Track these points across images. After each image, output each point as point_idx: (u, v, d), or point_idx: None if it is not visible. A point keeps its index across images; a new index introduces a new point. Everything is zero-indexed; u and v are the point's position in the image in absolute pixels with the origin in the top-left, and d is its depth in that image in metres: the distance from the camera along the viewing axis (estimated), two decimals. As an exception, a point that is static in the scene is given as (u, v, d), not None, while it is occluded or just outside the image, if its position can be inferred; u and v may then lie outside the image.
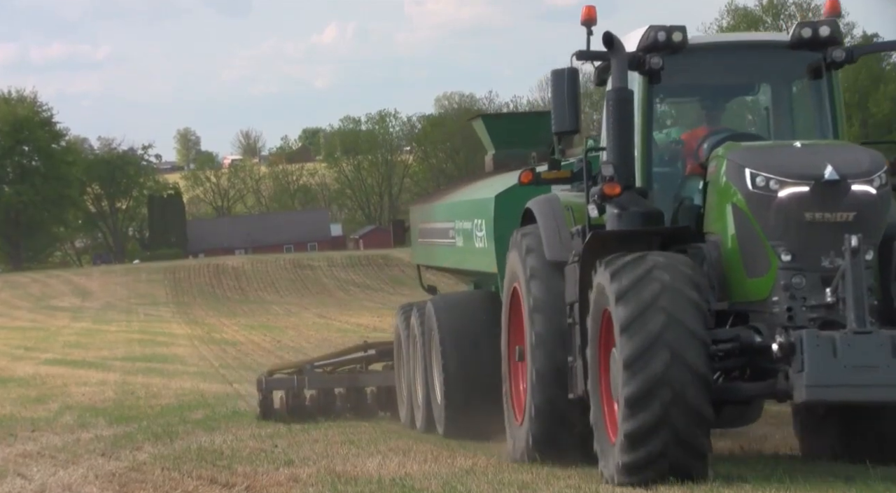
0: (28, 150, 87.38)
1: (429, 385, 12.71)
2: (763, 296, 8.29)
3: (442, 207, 14.06)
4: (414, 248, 15.31)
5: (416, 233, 15.15)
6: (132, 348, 29.18)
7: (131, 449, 11.74)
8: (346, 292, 55.39)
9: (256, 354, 25.37)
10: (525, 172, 10.10)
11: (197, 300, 53.32)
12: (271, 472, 9.73)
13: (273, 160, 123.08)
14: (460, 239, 12.86)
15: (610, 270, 8.19)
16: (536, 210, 9.89)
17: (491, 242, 11.72)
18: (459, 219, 12.88)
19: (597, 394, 8.55)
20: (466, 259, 12.80)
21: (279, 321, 37.54)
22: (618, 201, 8.76)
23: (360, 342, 15.93)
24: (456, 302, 12.70)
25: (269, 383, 14.71)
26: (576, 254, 9.12)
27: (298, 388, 14.67)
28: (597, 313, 8.48)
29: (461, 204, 13.13)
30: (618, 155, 8.83)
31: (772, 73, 9.42)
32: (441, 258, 14.01)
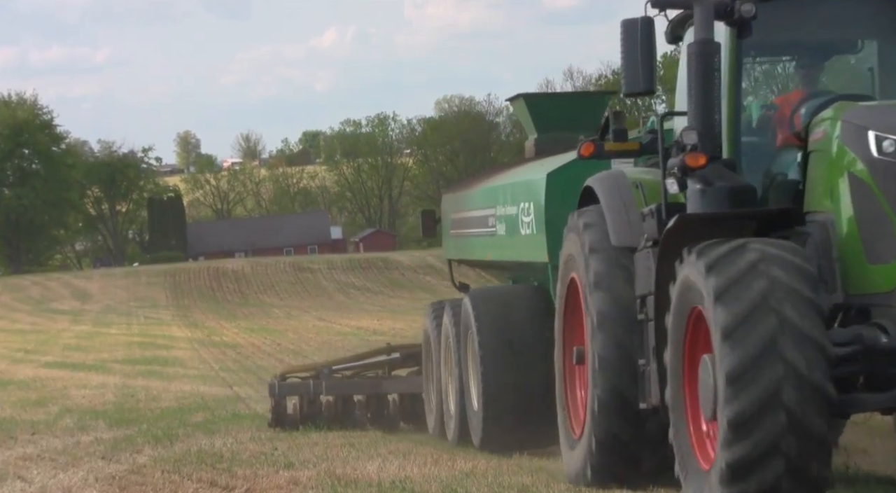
0: (28, 153, 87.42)
1: (464, 392, 11.46)
2: (890, 287, 6.85)
3: (480, 193, 12.53)
4: (445, 241, 13.85)
5: (447, 224, 13.68)
6: (132, 351, 29.18)
7: (131, 452, 11.74)
8: (346, 295, 55.40)
9: (256, 357, 25.38)
10: (585, 144, 8.77)
11: (197, 303, 53.32)
12: (271, 475, 9.74)
13: (273, 163, 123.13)
14: (502, 227, 11.46)
15: (704, 261, 6.73)
16: (599, 188, 8.51)
17: (541, 228, 10.42)
18: (502, 204, 11.47)
19: (679, 407, 7.14)
20: (510, 249, 11.38)
21: (279, 324, 37.55)
22: (702, 175, 7.38)
23: (383, 345, 14.76)
24: (497, 297, 11.27)
25: (282, 387, 13.58)
26: (648, 239, 7.91)
27: (314, 394, 13.48)
28: (681, 310, 7.04)
29: (504, 187, 11.61)
30: (701, 119, 7.46)
31: (880, 28, 7.89)
32: (478, 250, 12.54)
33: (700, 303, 6.81)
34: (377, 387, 13.63)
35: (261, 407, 15.58)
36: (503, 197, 11.52)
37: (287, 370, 14.46)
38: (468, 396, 11.35)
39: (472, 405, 11.28)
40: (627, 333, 8.04)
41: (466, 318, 11.22)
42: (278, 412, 13.51)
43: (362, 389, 13.64)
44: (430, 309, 12.70)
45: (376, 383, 13.68)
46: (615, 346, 8.11)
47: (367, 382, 13.71)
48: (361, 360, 14.08)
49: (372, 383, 13.67)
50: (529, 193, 10.75)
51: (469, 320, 11.13)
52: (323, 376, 13.62)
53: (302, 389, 13.59)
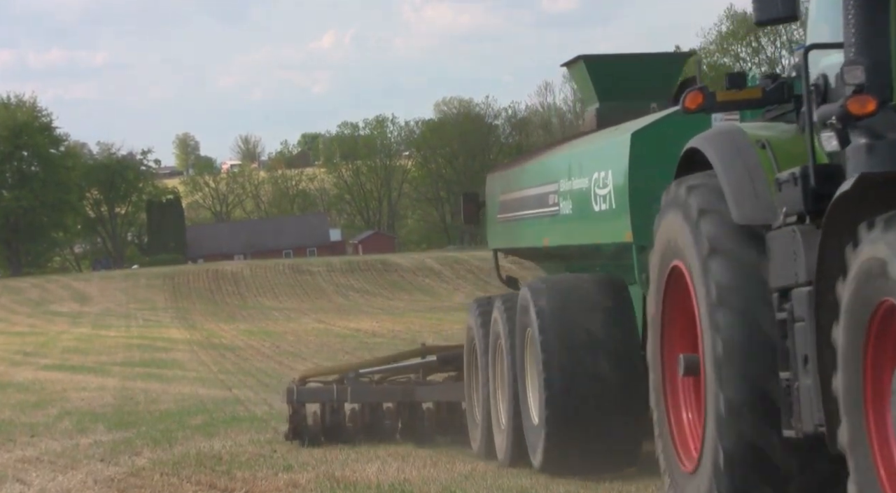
0: (27, 155, 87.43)
1: (519, 402, 9.65)
2: None
3: (539, 168, 10.55)
4: (490, 229, 11.99)
5: (493, 209, 11.79)
6: (131, 353, 29.16)
7: (130, 454, 11.74)
8: (345, 297, 55.39)
9: (255, 359, 25.36)
10: (691, 94, 6.83)
11: (196, 305, 53.30)
12: (270, 477, 9.74)
13: (272, 165, 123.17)
14: (567, 205, 9.58)
15: None
16: (712, 150, 6.60)
17: (622, 202, 8.52)
18: (568, 177, 9.53)
19: (862, 445, 5.28)
20: (578, 231, 9.44)
21: (278, 326, 37.54)
22: (870, 125, 5.64)
23: (417, 346, 13.18)
24: (564, 289, 9.22)
25: (301, 393, 11.93)
26: (789, 213, 6.10)
27: (338, 401, 11.86)
28: (861, 306, 5.29)
29: (573, 156, 9.68)
30: (869, 52, 5.75)
31: None
32: (533, 236, 10.58)
33: (892, 294, 5.11)
34: (410, 394, 11.91)
35: (260, 410, 15.57)
36: (571, 168, 9.50)
37: (307, 374, 12.79)
38: (525, 407, 9.52)
39: (530, 419, 9.40)
40: (770, 326, 6.18)
41: (524, 314, 9.36)
42: (297, 422, 11.88)
43: (393, 396, 11.97)
44: (474, 305, 11.01)
45: (409, 389, 11.95)
46: (750, 332, 6.20)
47: (398, 388, 11.99)
48: (392, 363, 12.42)
49: (404, 390, 11.94)
50: (608, 159, 8.79)
51: (528, 317, 9.23)
52: (348, 380, 11.97)
53: (324, 395, 11.90)
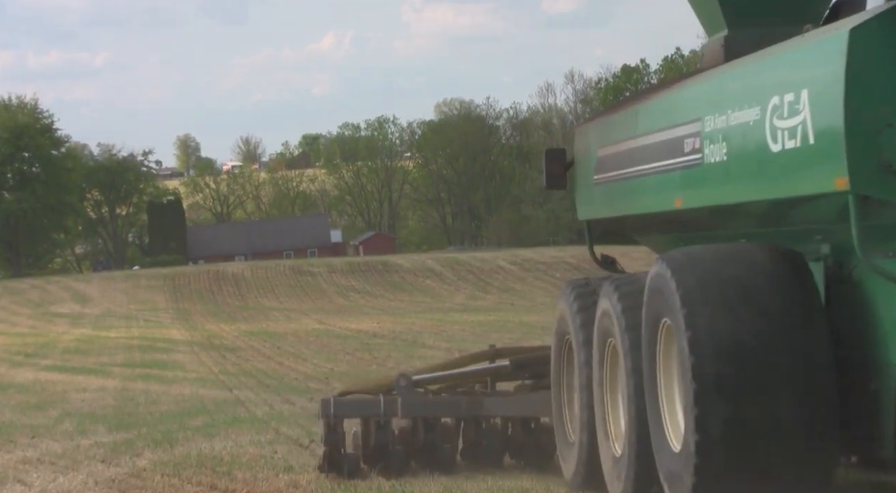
0: (28, 156, 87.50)
1: (647, 420, 6.93)
2: None
3: (664, 106, 7.73)
4: (582, 194, 9.24)
5: (587, 168, 9.04)
6: (132, 354, 29.16)
7: (131, 455, 11.73)
8: (345, 298, 55.37)
9: (256, 360, 25.36)
10: None
11: (197, 306, 53.29)
12: (271, 478, 9.73)
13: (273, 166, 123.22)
14: (719, 149, 6.69)
15: None
16: None
17: (832, 131, 5.67)
18: (719, 111, 6.71)
19: None
20: (741, 183, 6.54)
21: (279, 327, 37.54)
22: None
23: (486, 349, 10.58)
24: (724, 261, 6.35)
25: (339, 406, 9.64)
26: None
27: (386, 415, 9.59)
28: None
29: (725, 82, 6.88)
30: None
31: None
32: (657, 196, 7.64)
33: None
34: (477, 407, 9.69)
35: (260, 410, 15.56)
36: (725, 98, 6.73)
37: (350, 386, 10.61)
38: (658, 428, 6.80)
39: (666, 444, 6.68)
40: None
41: (658, 300, 6.59)
42: (333, 444, 9.51)
43: (455, 409, 9.70)
44: (568, 290, 8.62)
45: (476, 401, 9.71)
46: None
47: (462, 399, 9.74)
48: (454, 369, 10.20)
49: (470, 402, 9.71)
50: (800, 74, 6.01)
51: (666, 303, 6.43)
52: (399, 390, 9.70)
53: (369, 408, 9.67)
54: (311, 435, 12.54)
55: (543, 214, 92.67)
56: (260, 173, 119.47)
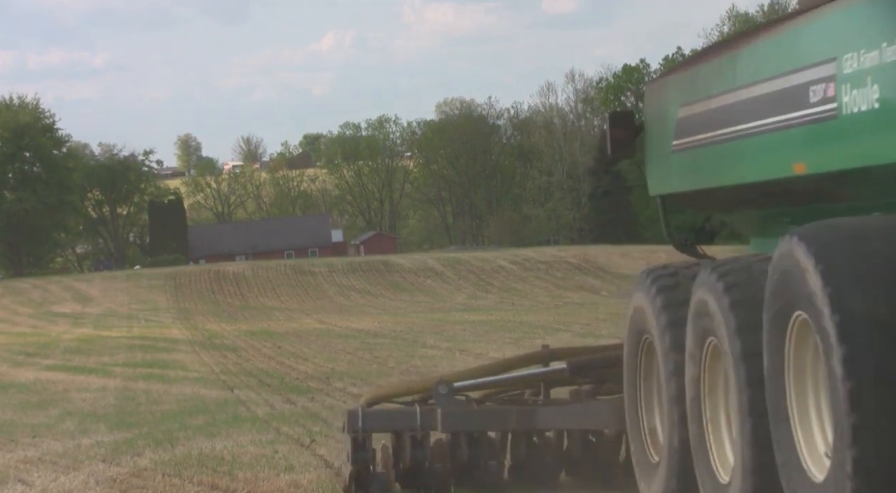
0: (29, 156, 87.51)
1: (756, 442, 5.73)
2: None
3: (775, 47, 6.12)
4: (656, 165, 7.77)
5: (662, 133, 7.51)
6: (133, 353, 29.15)
7: (132, 455, 11.72)
8: (346, 298, 55.34)
9: (257, 359, 25.34)
10: None
11: (198, 306, 53.27)
12: (272, 478, 9.72)
13: (273, 166, 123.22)
14: (862, 97, 5.27)
15: None
16: None
17: None
18: (870, 45, 5.22)
19: None
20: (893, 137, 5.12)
21: (280, 327, 37.52)
22: None
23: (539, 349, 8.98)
24: (877, 238, 5.06)
25: (369, 419, 8.35)
26: None
27: (423, 428, 8.29)
28: None
29: (866, 8, 5.29)
30: None
31: None
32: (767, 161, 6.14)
33: None
34: (530, 419, 8.30)
35: (261, 410, 15.55)
36: (877, 28, 5.20)
37: (376, 393, 9.03)
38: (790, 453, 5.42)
39: (803, 474, 5.31)
40: None
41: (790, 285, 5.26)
42: (361, 462, 8.25)
43: (505, 421, 8.33)
44: (648, 280, 7.15)
45: (529, 412, 8.32)
46: None
47: (512, 410, 8.39)
48: (501, 373, 8.69)
49: (522, 413, 8.31)
50: None
51: (806, 291, 5.10)
52: (439, 398, 8.33)
53: (404, 420, 8.34)
54: (312, 435, 12.52)
55: (544, 214, 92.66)
56: (261, 173, 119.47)
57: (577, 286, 53.27)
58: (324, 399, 16.31)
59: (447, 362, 20.76)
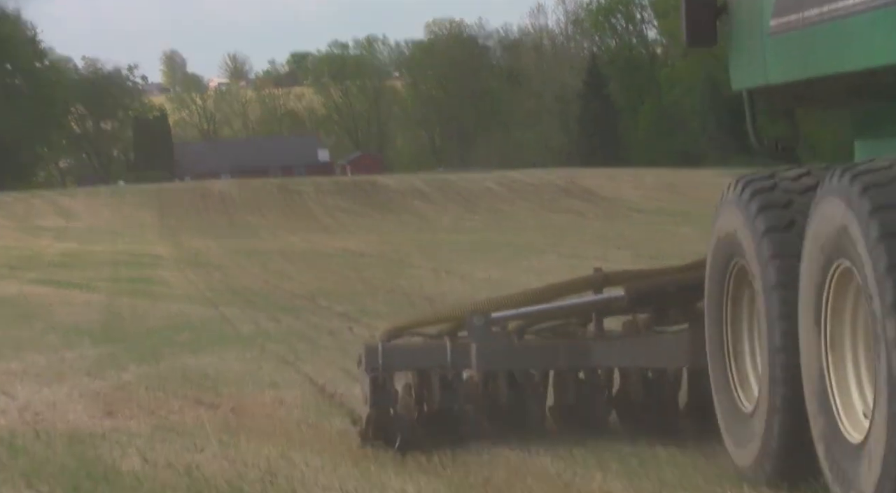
0: (11, 69, 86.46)
1: None
2: None
3: None
4: (740, 51, 6.58)
5: (754, 12, 6.29)
6: (118, 269, 29.07)
7: (116, 369, 11.68)
8: (332, 218, 55.28)
9: (243, 278, 25.30)
10: None
11: (183, 224, 53.14)
12: (256, 394, 9.70)
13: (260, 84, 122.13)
14: None
15: None
16: None
17: None
18: None
19: None
20: None
21: (265, 245, 37.47)
22: None
23: (589, 273, 7.57)
24: None
25: (392, 355, 7.25)
26: None
27: (454, 366, 7.15)
28: None
29: None
30: None
31: None
32: None
33: None
34: (582, 356, 7.21)
35: (247, 328, 15.52)
36: None
37: (399, 327, 7.70)
38: None
39: None
40: None
41: None
42: (381, 406, 7.16)
43: (552, 358, 7.24)
44: (745, 194, 5.91)
45: (580, 347, 7.23)
46: None
47: (561, 344, 7.28)
48: (546, 301, 7.44)
49: (572, 349, 7.23)
50: None
51: None
52: (473, 331, 7.15)
53: (432, 356, 7.21)
54: (297, 352, 12.50)
55: (533, 137, 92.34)
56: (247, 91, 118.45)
57: (563, 209, 53.28)
58: (309, 318, 16.32)
59: (433, 283, 20.76)
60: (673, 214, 44.67)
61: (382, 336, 7.63)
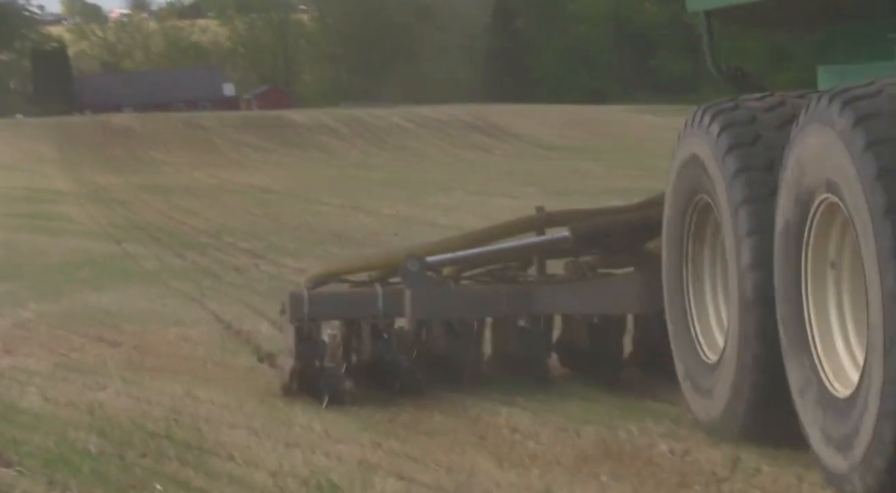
0: None
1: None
2: None
3: None
4: None
5: None
6: (16, 205, 28.37)
7: (14, 306, 11.42)
8: (238, 153, 54.64)
9: (146, 213, 24.92)
10: None
11: (84, 158, 52.02)
12: (161, 331, 9.59)
13: (163, 16, 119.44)
14: None
15: None
16: None
17: None
18: None
19: None
20: None
21: (170, 181, 36.93)
22: None
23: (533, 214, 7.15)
24: None
25: (319, 303, 6.79)
26: None
27: (387, 315, 6.74)
28: None
29: None
30: None
31: None
32: None
33: None
34: (524, 303, 6.75)
35: (150, 264, 15.30)
36: None
37: (324, 272, 7.20)
38: None
39: None
40: None
41: None
42: (307, 358, 6.74)
43: (495, 306, 6.76)
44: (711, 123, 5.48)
45: (523, 294, 6.77)
46: None
47: (503, 290, 6.81)
48: (485, 243, 7.02)
49: (516, 295, 6.77)
50: None
51: None
52: (408, 277, 6.74)
53: (363, 305, 6.73)
54: (203, 289, 12.36)
55: (441, 73, 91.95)
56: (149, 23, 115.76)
57: (471, 145, 53.33)
58: (215, 254, 16.17)
59: (341, 219, 20.69)
60: (580, 150, 45.04)
61: (307, 283, 7.07)
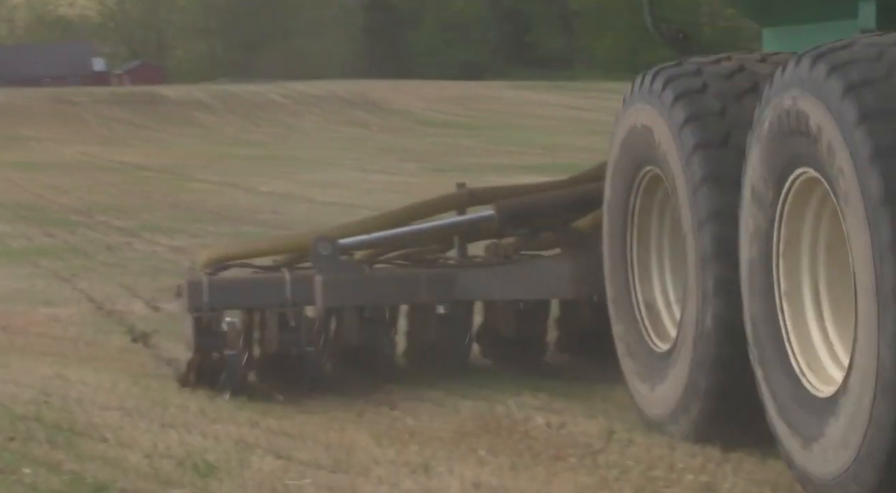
0: None
1: None
2: None
3: None
4: None
5: None
6: None
7: None
8: (110, 130, 53.52)
9: (13, 191, 24.20)
10: None
11: (-54, 136, 50.30)
12: (29, 311, 9.37)
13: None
14: None
15: None
16: None
17: None
18: None
19: None
20: None
21: (38, 158, 35.97)
22: None
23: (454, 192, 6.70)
24: None
25: (220, 291, 6.25)
26: None
27: (296, 303, 6.20)
28: None
29: None
30: None
31: None
32: None
33: None
34: (445, 288, 6.28)
35: (17, 243, 14.89)
36: None
37: (223, 255, 6.63)
38: None
39: None
40: None
41: None
42: (205, 349, 6.25)
43: (413, 291, 6.30)
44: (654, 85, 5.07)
45: (444, 278, 6.29)
46: None
47: (423, 275, 6.33)
48: (402, 224, 6.52)
49: (435, 280, 6.29)
50: None
51: None
52: (319, 261, 6.19)
53: (269, 292, 6.21)
54: (73, 269, 12.09)
55: (318, 47, 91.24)
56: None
57: (349, 121, 53.12)
58: (86, 233, 15.84)
59: (217, 197, 20.43)
60: (458, 126, 45.28)
61: (205, 267, 6.47)
